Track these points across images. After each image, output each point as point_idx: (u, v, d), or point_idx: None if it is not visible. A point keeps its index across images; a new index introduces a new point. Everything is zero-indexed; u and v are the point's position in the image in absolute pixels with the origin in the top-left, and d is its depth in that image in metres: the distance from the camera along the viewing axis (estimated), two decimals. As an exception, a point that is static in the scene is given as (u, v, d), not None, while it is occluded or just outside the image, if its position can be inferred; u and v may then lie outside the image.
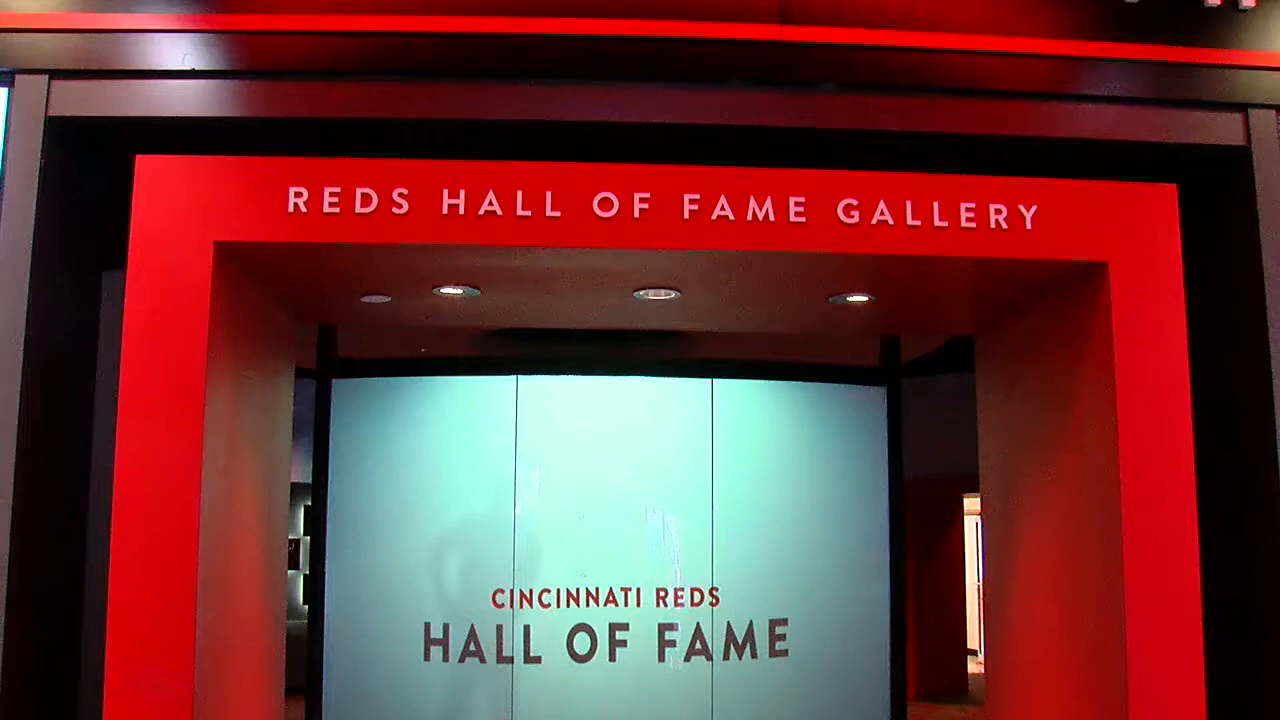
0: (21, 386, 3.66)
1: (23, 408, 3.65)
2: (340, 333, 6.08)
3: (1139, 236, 3.77)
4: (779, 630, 5.95)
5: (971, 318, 4.69)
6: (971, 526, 16.68)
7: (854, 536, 6.17)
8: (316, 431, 5.96)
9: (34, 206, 3.77)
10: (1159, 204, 3.82)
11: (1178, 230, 3.79)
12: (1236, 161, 4.16)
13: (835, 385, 6.22)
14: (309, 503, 6.15)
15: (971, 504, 15.24)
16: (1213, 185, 4.26)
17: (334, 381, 5.98)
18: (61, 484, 3.95)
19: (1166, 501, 3.62)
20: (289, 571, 10.83)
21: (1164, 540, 3.60)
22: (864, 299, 4.29)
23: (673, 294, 4.18)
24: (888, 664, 6.16)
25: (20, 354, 3.68)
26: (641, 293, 4.18)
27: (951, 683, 14.20)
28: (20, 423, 3.64)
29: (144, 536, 3.38)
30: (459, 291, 4.13)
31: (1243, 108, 4.17)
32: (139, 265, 3.50)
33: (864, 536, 6.17)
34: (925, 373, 8.94)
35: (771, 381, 6.16)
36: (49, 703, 3.87)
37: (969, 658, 15.35)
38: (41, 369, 3.77)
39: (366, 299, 4.30)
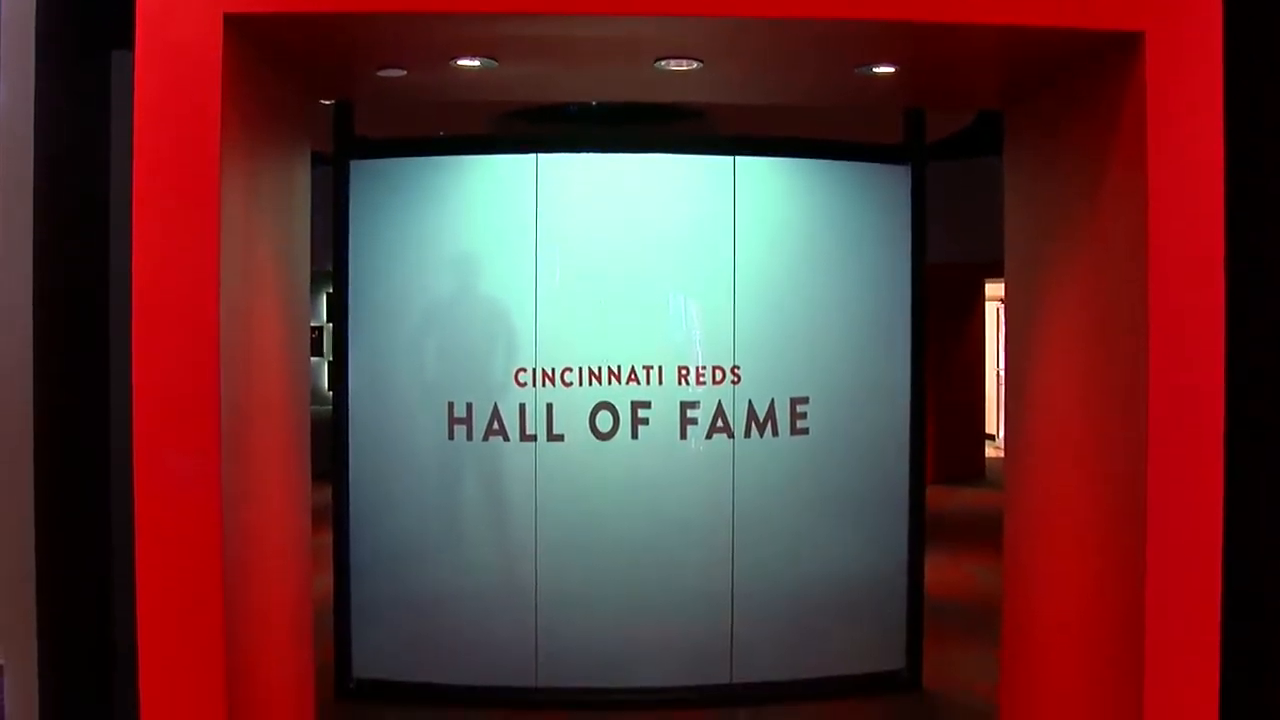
0: (34, 172, 3.61)
1: (37, 194, 3.61)
2: (357, 115, 6.00)
3: (1178, 6, 3.63)
4: (800, 409, 6.00)
5: (1001, 91, 4.57)
6: (992, 312, 16.73)
7: (875, 318, 6.17)
8: (335, 216, 5.93)
9: (35, -18, 3.66)
10: (1201, -31, 3.67)
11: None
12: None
13: (859, 164, 6.14)
14: (330, 290, 6.16)
15: (993, 289, 15.26)
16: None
17: (352, 163, 5.92)
18: (79, 268, 3.94)
19: (1195, 279, 3.56)
20: (313, 359, 10.94)
21: (1190, 319, 3.55)
22: (891, 69, 4.18)
23: (695, 64, 4.08)
24: (907, 446, 6.23)
25: (30, 137, 3.62)
26: (663, 63, 4.08)
27: (969, 466, 14.48)
28: (35, 209, 3.60)
29: (164, 319, 3.36)
30: (476, 63, 4.03)
31: None
32: (148, 42, 3.38)
33: (885, 318, 6.18)
34: (949, 155, 8.81)
35: (794, 160, 6.09)
36: (81, 460, 3.93)
37: (987, 442, 15.58)
38: (53, 154, 3.71)
39: (382, 73, 4.21)
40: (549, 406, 5.86)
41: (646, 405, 5.89)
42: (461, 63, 4.05)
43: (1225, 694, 3.47)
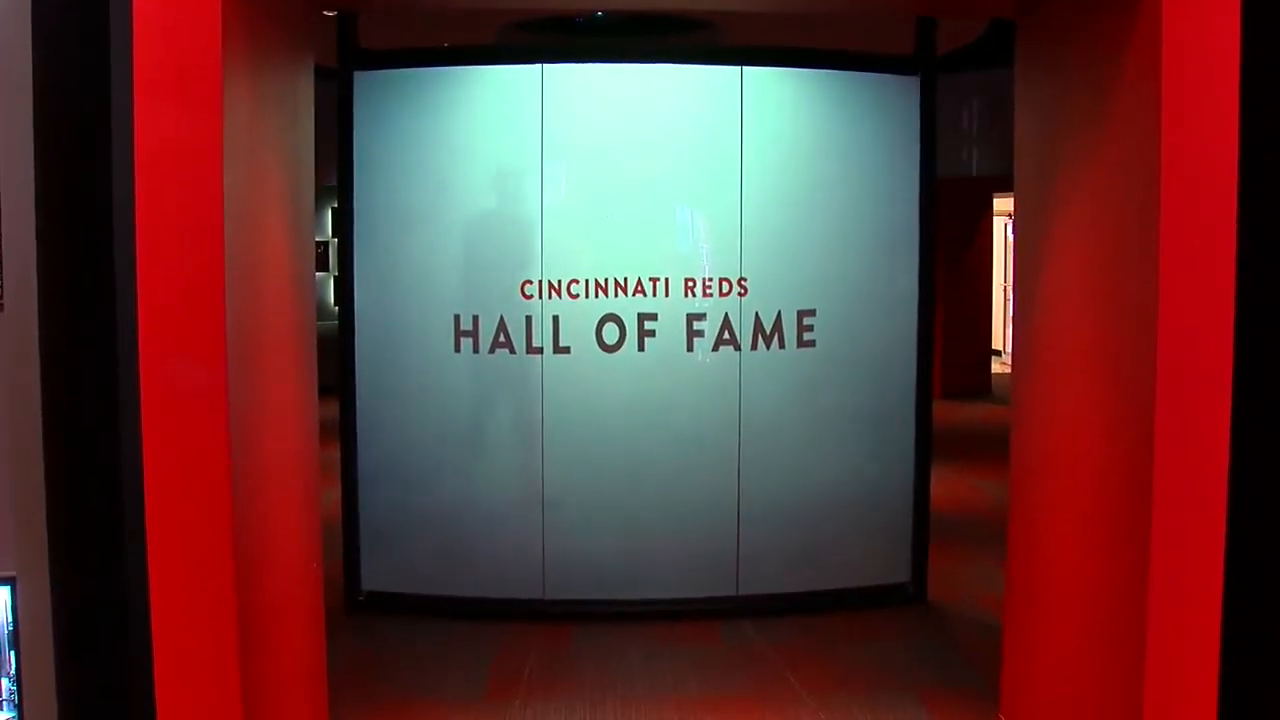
0: (33, 81, 3.55)
1: (37, 103, 3.55)
2: (362, 27, 5.92)
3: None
4: (807, 321, 5.98)
5: (1014, -1, 4.51)
6: (1000, 228, 16.65)
7: (883, 232, 6.13)
8: (340, 128, 5.88)
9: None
10: None
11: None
12: None
13: (868, 75, 6.06)
14: (335, 204, 6.13)
15: (1001, 205, 15.16)
16: None
17: (356, 74, 5.86)
18: (81, 181, 3.89)
19: (1208, 198, 3.50)
20: (319, 274, 10.89)
21: (1203, 237, 3.51)
22: (902, -23, 4.12)
23: (702, -29, 4.03)
24: (914, 360, 6.22)
25: (29, 47, 3.56)
26: (670, -31, 4.03)
27: (976, 382, 14.49)
28: (35, 120, 3.54)
29: (168, 231, 3.33)
30: (480, -30, 3.98)
31: None
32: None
33: (894, 232, 6.14)
34: (958, 69, 8.70)
35: (802, 70, 6.01)
36: (89, 371, 3.92)
37: (994, 358, 15.58)
38: (51, 63, 3.64)
39: (384, -20, 4.15)
40: (555, 319, 5.85)
41: (653, 317, 5.87)
42: (465, -31, 3.99)
43: (1229, 613, 3.48)
